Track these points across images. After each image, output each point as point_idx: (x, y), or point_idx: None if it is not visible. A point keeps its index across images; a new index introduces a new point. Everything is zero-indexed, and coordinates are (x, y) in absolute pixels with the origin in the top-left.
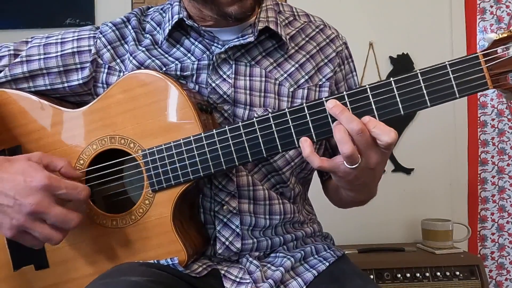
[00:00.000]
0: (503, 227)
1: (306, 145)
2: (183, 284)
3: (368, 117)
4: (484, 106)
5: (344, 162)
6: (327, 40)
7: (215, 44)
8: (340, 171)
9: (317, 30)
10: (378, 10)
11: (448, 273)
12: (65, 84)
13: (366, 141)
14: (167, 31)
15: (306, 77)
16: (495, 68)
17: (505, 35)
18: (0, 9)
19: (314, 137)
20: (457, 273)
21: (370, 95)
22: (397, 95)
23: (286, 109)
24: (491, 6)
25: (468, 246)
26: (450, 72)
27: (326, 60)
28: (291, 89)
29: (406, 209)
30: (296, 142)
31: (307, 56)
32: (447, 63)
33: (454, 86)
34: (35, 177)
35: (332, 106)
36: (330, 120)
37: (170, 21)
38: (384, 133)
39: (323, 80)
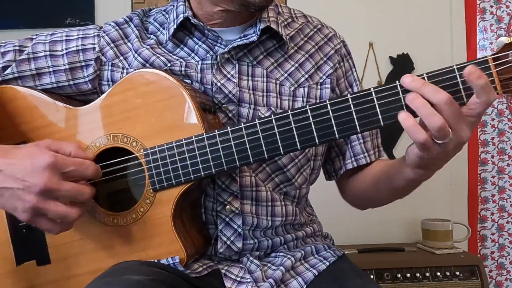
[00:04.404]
0: (503, 227)
1: (406, 115)
2: (184, 283)
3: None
4: None
5: (434, 137)
6: (325, 39)
7: (218, 44)
8: (432, 149)
9: (315, 30)
10: (378, 10)
11: (448, 273)
12: (71, 82)
13: (456, 111)
14: (172, 30)
15: (306, 76)
16: (505, 72)
17: None
18: (0, 9)
19: (317, 139)
20: (457, 273)
21: (374, 98)
22: (402, 98)
23: (289, 111)
24: (491, 6)
25: (468, 246)
26: (458, 76)
27: (325, 58)
28: (292, 88)
29: (406, 209)
30: (297, 144)
31: (306, 55)
32: (455, 66)
33: (462, 90)
34: (40, 157)
35: (411, 80)
36: (333, 122)
37: (175, 20)
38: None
39: (324, 77)
